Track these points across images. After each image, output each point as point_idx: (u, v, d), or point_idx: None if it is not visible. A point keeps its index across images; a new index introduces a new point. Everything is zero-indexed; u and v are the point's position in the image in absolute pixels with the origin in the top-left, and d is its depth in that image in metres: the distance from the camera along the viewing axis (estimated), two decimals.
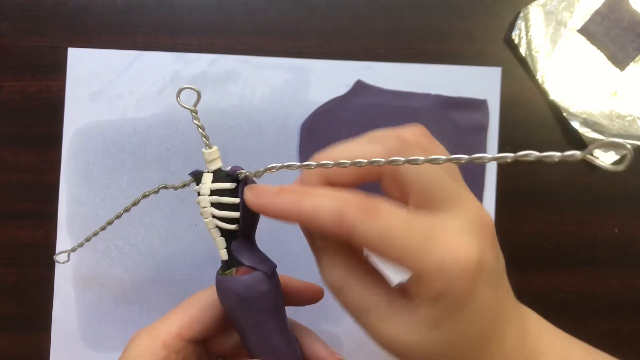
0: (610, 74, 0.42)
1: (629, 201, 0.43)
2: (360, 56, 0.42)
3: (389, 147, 0.22)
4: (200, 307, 0.28)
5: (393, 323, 0.21)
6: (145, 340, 0.27)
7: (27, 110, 0.42)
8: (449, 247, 0.20)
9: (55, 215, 0.41)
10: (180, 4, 0.42)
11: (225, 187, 0.25)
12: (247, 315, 0.25)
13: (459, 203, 0.21)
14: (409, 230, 0.20)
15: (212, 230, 0.25)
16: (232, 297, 0.25)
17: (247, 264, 0.25)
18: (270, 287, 0.25)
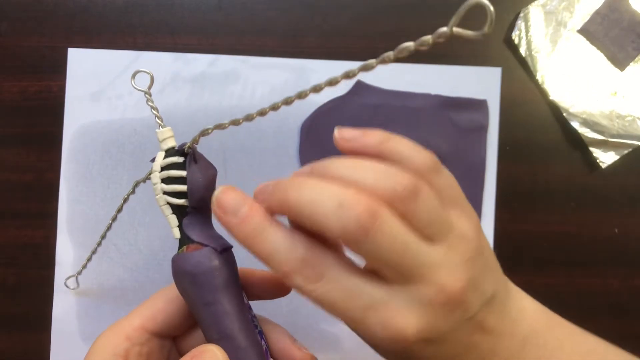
0: (610, 74, 0.42)
1: (629, 201, 0.43)
2: (360, 56, 0.42)
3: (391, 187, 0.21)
4: (164, 300, 0.27)
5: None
6: (108, 334, 0.26)
7: (27, 110, 0.42)
8: (384, 319, 0.21)
9: (55, 215, 0.41)
10: (180, 4, 0.42)
11: (173, 161, 0.25)
12: (198, 293, 0.24)
13: (418, 278, 0.21)
14: (349, 300, 0.21)
15: (163, 207, 0.25)
16: (182, 274, 0.24)
17: (196, 240, 0.25)
18: (221, 264, 0.24)
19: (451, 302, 0.22)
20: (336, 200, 0.20)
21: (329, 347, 0.42)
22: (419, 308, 0.21)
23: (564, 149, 0.43)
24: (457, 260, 0.22)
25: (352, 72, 0.21)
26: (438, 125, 0.42)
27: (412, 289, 0.21)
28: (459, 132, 0.42)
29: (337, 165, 0.22)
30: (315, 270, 0.21)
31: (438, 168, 0.23)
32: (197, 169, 0.25)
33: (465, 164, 0.42)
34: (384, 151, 0.23)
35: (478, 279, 0.23)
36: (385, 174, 0.21)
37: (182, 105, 0.42)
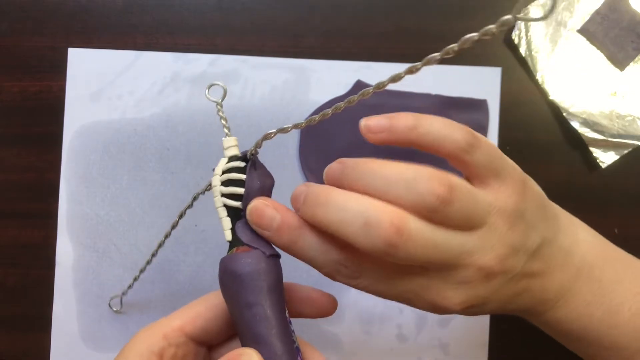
0: (610, 74, 0.42)
1: (629, 201, 0.43)
2: (360, 56, 0.42)
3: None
4: (205, 305, 0.27)
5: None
6: (146, 331, 0.26)
7: (27, 110, 0.42)
8: (429, 301, 0.23)
9: (55, 215, 0.41)
10: (180, 4, 0.42)
11: (235, 165, 0.26)
12: (240, 293, 0.24)
13: (454, 266, 0.22)
14: (390, 290, 0.24)
15: (220, 209, 0.26)
16: (228, 274, 0.25)
17: (246, 242, 0.25)
18: (267, 268, 0.25)
19: (490, 275, 0.23)
20: (362, 218, 0.21)
21: (329, 347, 0.42)
22: (459, 287, 0.23)
23: (564, 149, 0.43)
24: (494, 240, 0.23)
25: (415, 67, 0.23)
26: None
27: (451, 274, 0.22)
28: None
29: (366, 173, 0.22)
30: (352, 269, 0.23)
31: (472, 144, 0.23)
32: (255, 175, 0.26)
33: None
34: (414, 138, 0.23)
35: (520, 242, 0.24)
36: (416, 180, 0.21)
37: (182, 105, 0.42)
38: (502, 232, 0.23)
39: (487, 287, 0.23)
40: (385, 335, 0.42)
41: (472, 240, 0.22)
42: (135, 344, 0.26)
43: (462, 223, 0.22)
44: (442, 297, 0.23)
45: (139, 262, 0.41)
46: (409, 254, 0.21)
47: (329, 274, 0.24)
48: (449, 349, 0.42)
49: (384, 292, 0.23)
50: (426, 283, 0.23)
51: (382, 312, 0.42)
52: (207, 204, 0.41)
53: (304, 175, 0.42)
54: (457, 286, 0.23)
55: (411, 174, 0.21)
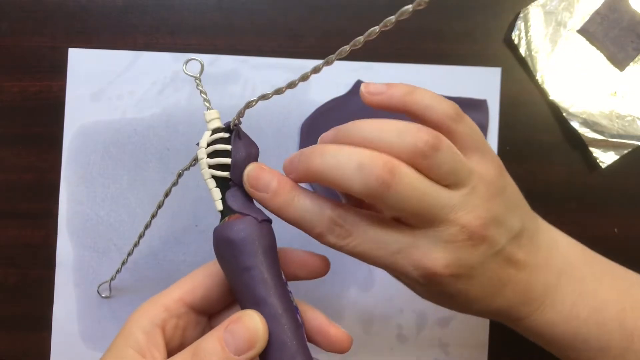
0: (610, 74, 0.42)
1: (629, 201, 0.43)
2: (360, 56, 0.42)
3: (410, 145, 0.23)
4: (204, 274, 0.28)
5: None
6: (147, 304, 0.27)
7: (27, 110, 0.42)
8: (414, 260, 0.23)
9: (55, 215, 0.41)
10: (180, 4, 0.42)
11: (219, 136, 0.26)
12: (236, 259, 0.25)
13: (440, 221, 0.23)
14: (378, 249, 0.24)
15: (208, 180, 0.26)
16: (222, 242, 0.25)
17: (238, 210, 0.26)
18: (260, 232, 0.25)
19: (474, 237, 0.23)
20: (356, 162, 0.22)
21: None
22: (444, 246, 0.23)
23: (564, 149, 0.43)
24: (477, 201, 0.24)
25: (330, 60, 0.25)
26: None
27: (436, 230, 0.23)
28: None
29: (359, 128, 0.24)
30: (344, 228, 0.24)
31: (460, 115, 0.25)
32: (241, 144, 0.26)
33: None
34: (408, 102, 0.25)
35: (501, 216, 0.24)
36: (406, 131, 0.23)
37: (182, 105, 0.42)
38: (485, 197, 0.24)
39: (472, 253, 0.24)
40: (385, 335, 0.42)
41: (457, 197, 0.23)
42: (137, 318, 0.26)
43: (447, 176, 0.23)
44: (428, 257, 0.23)
45: (139, 262, 0.41)
46: (400, 196, 0.22)
47: (320, 235, 0.24)
48: (449, 349, 0.42)
49: (373, 251, 0.24)
50: (413, 241, 0.23)
51: (382, 312, 0.42)
52: (208, 204, 0.41)
53: None
54: (444, 246, 0.23)
55: (402, 125, 0.23)
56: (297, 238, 0.33)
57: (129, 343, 0.25)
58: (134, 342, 0.25)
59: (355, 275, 0.42)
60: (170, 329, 0.26)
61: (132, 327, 0.26)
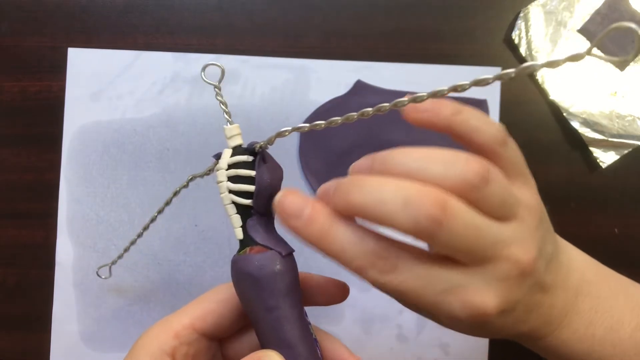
0: (610, 74, 0.42)
1: (629, 201, 0.43)
2: (360, 56, 0.42)
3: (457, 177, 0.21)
4: (216, 300, 0.27)
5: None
6: (156, 330, 0.26)
7: (27, 110, 0.42)
8: (464, 301, 0.21)
9: (55, 215, 0.41)
10: (180, 4, 0.42)
11: (242, 159, 0.24)
12: (259, 297, 0.24)
13: (492, 258, 0.22)
14: (425, 287, 0.21)
15: (228, 206, 0.25)
16: (244, 276, 0.24)
17: (260, 242, 0.24)
18: (285, 269, 0.24)
19: (524, 272, 0.22)
20: (402, 198, 0.20)
21: None
22: (497, 285, 0.22)
23: (564, 149, 0.43)
24: (527, 233, 0.22)
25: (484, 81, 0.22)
26: None
27: (487, 268, 0.22)
28: None
29: (401, 157, 0.21)
30: (388, 262, 0.21)
31: (506, 140, 0.24)
32: (265, 169, 0.24)
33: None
34: (454, 123, 0.23)
35: (542, 245, 0.23)
36: (454, 161, 0.21)
37: (182, 105, 0.42)
38: (532, 228, 0.23)
39: (519, 289, 0.22)
40: (385, 335, 0.42)
41: (508, 231, 0.22)
42: (145, 344, 0.25)
43: (497, 209, 0.22)
44: (480, 297, 0.21)
45: (139, 262, 0.41)
46: (452, 234, 0.20)
47: (360, 268, 0.21)
48: (449, 349, 0.42)
49: (418, 289, 0.21)
50: (464, 280, 0.21)
51: (382, 312, 0.42)
52: (208, 204, 0.42)
53: (304, 175, 0.42)
54: (496, 284, 0.22)
55: (448, 155, 0.21)
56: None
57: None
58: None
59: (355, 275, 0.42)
60: (181, 357, 0.26)
61: (140, 354, 0.25)
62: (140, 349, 0.25)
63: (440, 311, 0.22)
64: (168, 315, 0.27)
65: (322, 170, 0.42)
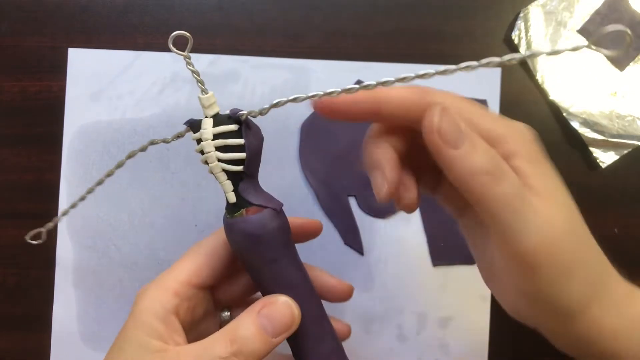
0: (610, 74, 0.42)
1: (629, 201, 0.43)
2: (360, 56, 0.42)
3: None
4: (207, 253, 0.28)
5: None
6: (155, 291, 0.26)
7: (27, 110, 0.42)
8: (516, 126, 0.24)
9: (55, 215, 0.41)
10: (180, 4, 0.42)
11: (229, 129, 0.25)
12: (262, 254, 0.25)
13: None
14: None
15: (219, 174, 0.25)
16: (245, 237, 0.25)
17: (256, 203, 0.25)
18: (282, 223, 0.26)
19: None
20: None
21: None
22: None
23: (564, 149, 0.43)
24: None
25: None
26: None
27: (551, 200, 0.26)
28: None
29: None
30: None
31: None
32: (252, 136, 0.26)
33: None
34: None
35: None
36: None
37: (182, 105, 0.42)
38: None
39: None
40: (385, 335, 0.42)
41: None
42: (148, 306, 0.26)
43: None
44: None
45: (139, 262, 0.41)
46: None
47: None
48: (449, 349, 0.42)
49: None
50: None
51: (382, 312, 0.42)
52: (208, 204, 0.41)
53: (304, 175, 0.42)
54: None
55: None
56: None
57: (149, 333, 0.25)
58: (153, 332, 0.25)
59: (355, 275, 0.42)
60: (183, 312, 0.27)
61: (147, 317, 0.26)
62: (145, 312, 0.26)
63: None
64: (160, 275, 0.27)
65: (322, 170, 0.42)
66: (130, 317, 0.26)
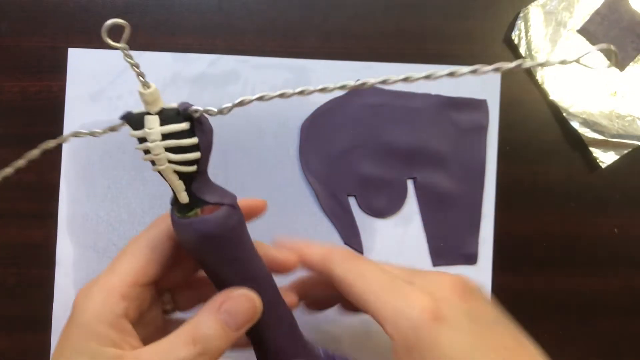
0: (610, 74, 0.42)
1: (629, 201, 0.43)
2: (360, 56, 0.42)
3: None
4: (150, 247, 0.26)
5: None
6: (100, 295, 0.24)
7: (27, 110, 0.41)
8: (408, 298, 0.25)
9: (55, 215, 0.41)
10: (180, 4, 0.42)
11: (180, 128, 0.23)
12: (222, 253, 0.24)
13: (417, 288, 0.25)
14: (385, 283, 0.26)
15: (171, 176, 0.23)
16: (202, 238, 0.23)
17: (212, 201, 0.24)
18: (239, 218, 0.24)
19: (448, 289, 0.26)
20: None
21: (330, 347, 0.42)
22: (427, 292, 0.26)
23: (564, 149, 0.43)
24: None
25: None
26: (438, 125, 0.42)
27: (418, 288, 0.26)
28: (459, 132, 0.42)
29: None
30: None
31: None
32: (204, 133, 0.23)
33: (465, 164, 0.42)
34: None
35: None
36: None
37: None
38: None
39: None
40: (385, 335, 0.42)
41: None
42: (95, 312, 0.24)
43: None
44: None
45: None
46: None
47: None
48: None
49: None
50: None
51: None
52: None
53: (304, 175, 0.42)
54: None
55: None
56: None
57: (101, 341, 0.23)
58: (106, 339, 0.23)
59: None
60: (132, 313, 0.25)
61: (97, 325, 0.24)
62: (93, 320, 0.24)
63: (389, 304, 0.26)
64: (101, 276, 0.26)
65: (322, 170, 0.42)
66: (73, 325, 0.24)
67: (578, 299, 0.43)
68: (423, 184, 0.42)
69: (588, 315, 0.43)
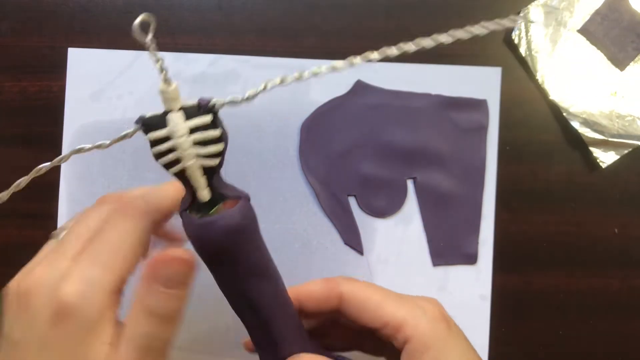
0: (610, 74, 0.42)
1: (629, 201, 0.43)
2: None
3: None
4: (131, 247, 0.26)
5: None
6: (94, 298, 0.24)
7: (27, 110, 0.42)
8: (422, 305, 0.27)
9: (55, 215, 0.41)
10: (180, 4, 0.42)
11: (205, 121, 0.23)
12: (248, 243, 0.24)
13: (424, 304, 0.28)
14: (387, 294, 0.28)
15: (196, 172, 0.23)
16: (231, 232, 0.23)
17: (231, 194, 0.24)
18: (253, 209, 0.24)
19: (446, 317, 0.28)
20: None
21: None
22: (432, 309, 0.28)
23: (564, 149, 0.43)
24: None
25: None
26: (438, 125, 0.42)
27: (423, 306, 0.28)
28: (459, 132, 0.42)
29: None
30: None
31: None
32: (223, 123, 0.24)
33: (465, 164, 0.42)
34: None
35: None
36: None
37: None
38: None
39: None
40: None
41: None
42: (94, 323, 0.23)
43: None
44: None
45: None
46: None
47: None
48: None
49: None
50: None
51: None
52: None
53: (304, 175, 0.42)
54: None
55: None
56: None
57: (101, 339, 0.23)
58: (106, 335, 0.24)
59: (355, 275, 0.42)
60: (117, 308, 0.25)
61: (98, 338, 0.24)
62: (94, 333, 0.23)
63: (398, 311, 0.27)
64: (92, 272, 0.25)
65: (322, 170, 0.42)
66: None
67: (578, 299, 0.43)
68: (423, 184, 0.42)
69: (588, 315, 0.43)
